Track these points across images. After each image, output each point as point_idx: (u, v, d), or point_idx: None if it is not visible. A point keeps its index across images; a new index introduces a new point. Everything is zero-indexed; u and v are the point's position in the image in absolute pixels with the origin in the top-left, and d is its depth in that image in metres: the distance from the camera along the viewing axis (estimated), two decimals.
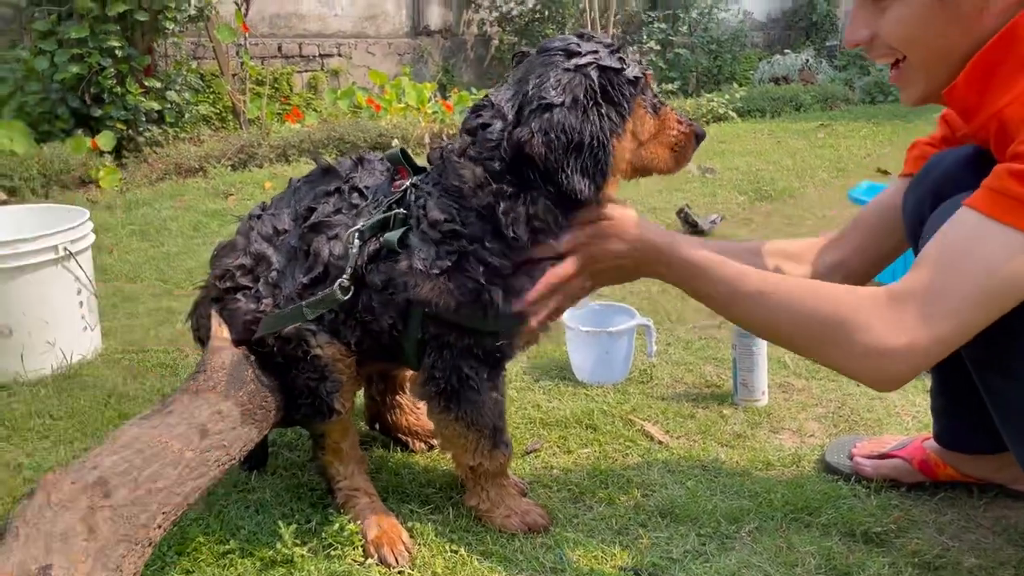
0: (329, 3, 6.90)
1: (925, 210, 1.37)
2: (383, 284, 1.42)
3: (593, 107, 1.34)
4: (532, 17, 7.53)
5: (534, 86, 1.36)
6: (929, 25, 1.24)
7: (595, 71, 1.36)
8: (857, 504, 1.59)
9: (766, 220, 3.91)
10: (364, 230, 1.43)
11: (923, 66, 1.29)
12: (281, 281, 1.50)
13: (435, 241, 1.39)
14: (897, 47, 1.29)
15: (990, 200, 1.14)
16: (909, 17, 1.25)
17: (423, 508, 1.60)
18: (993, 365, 1.27)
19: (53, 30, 4.74)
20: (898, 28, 1.27)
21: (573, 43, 1.40)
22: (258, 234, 1.53)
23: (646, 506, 1.60)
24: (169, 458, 1.21)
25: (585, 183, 1.34)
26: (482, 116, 1.41)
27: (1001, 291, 1.14)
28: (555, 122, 1.32)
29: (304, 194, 1.56)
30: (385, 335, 1.47)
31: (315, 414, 1.52)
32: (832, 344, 1.23)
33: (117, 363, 2.31)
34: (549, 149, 1.32)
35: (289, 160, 4.88)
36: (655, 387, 2.15)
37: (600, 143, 1.34)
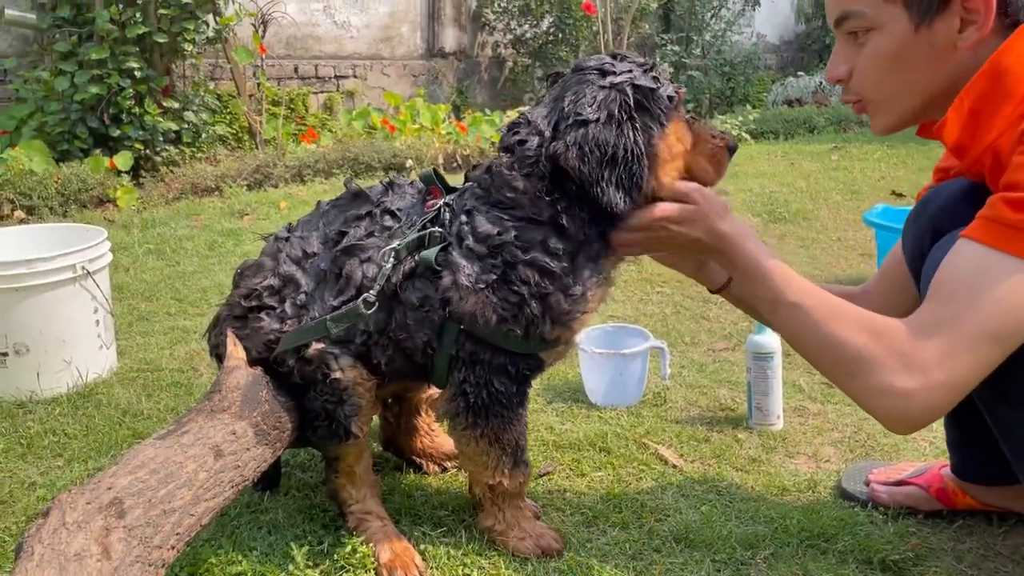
0: (345, 25, 6.97)
1: (925, 244, 1.38)
2: (419, 302, 1.44)
3: (628, 121, 1.37)
4: (546, 39, 7.58)
5: (570, 103, 1.39)
6: (900, 58, 1.28)
7: (630, 88, 1.39)
8: (874, 531, 1.57)
9: (780, 242, 3.89)
10: (400, 249, 1.44)
11: (891, 99, 1.32)
12: (310, 304, 1.50)
13: (480, 256, 1.41)
14: (866, 82, 1.33)
15: (987, 230, 1.16)
16: (883, 49, 1.28)
17: (435, 531, 1.59)
18: (1001, 397, 1.26)
19: (74, 51, 4.81)
20: (870, 63, 1.30)
21: (608, 62, 1.43)
22: (287, 256, 1.54)
23: (660, 531, 1.58)
24: (183, 479, 1.21)
25: (620, 196, 1.36)
26: (519, 133, 1.43)
27: (1011, 323, 1.14)
28: (589, 136, 1.35)
29: (334, 218, 1.57)
30: (419, 353, 1.48)
31: (331, 437, 1.52)
32: (854, 376, 1.24)
33: (132, 382, 2.32)
34: (583, 162, 1.35)
35: (304, 180, 4.91)
36: (669, 410, 2.14)
37: (635, 156, 1.37)
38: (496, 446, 1.49)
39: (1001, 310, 1.13)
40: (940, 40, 1.25)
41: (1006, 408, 1.27)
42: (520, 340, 1.43)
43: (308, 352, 1.47)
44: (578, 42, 7.66)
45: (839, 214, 4.33)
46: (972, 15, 1.22)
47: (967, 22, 1.23)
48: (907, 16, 1.25)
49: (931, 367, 1.17)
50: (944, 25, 1.24)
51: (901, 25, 1.26)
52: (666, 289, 3.15)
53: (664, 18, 8.69)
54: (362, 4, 7.03)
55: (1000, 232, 1.14)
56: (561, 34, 7.57)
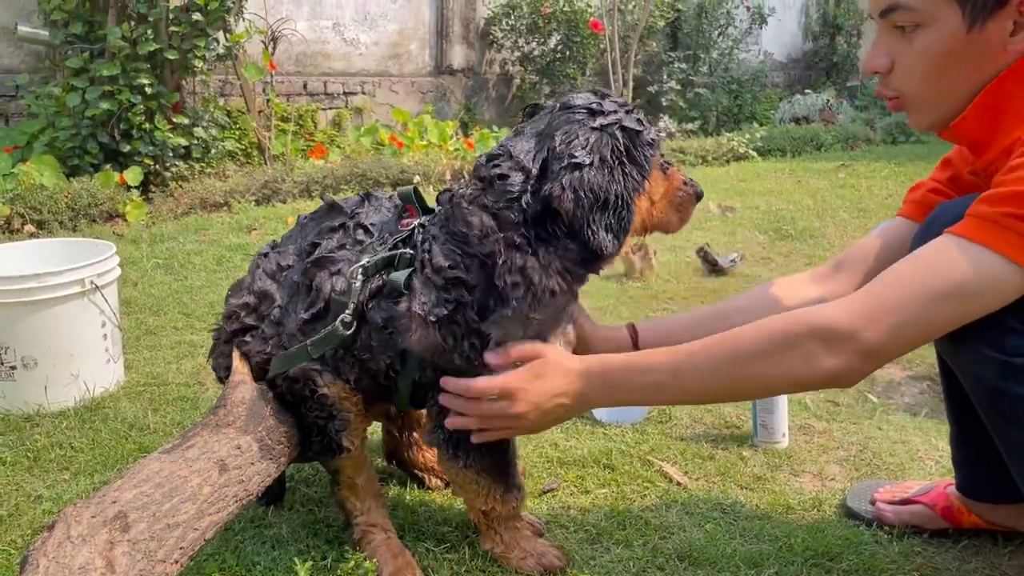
0: (354, 42, 7.03)
1: None
2: (383, 323, 1.42)
3: (618, 167, 1.38)
4: (553, 57, 7.62)
5: (561, 143, 1.38)
6: (949, 57, 1.24)
7: (619, 131, 1.39)
8: (879, 551, 1.57)
9: (786, 259, 3.90)
10: (368, 267, 1.44)
11: (934, 99, 1.29)
12: (284, 318, 1.51)
13: (437, 287, 1.39)
14: (907, 79, 1.29)
15: (964, 224, 1.17)
16: (934, 47, 1.25)
17: (439, 547, 1.59)
18: (1009, 418, 1.25)
19: (85, 67, 4.86)
20: (920, 58, 1.26)
21: (595, 102, 1.42)
22: (263, 271, 1.55)
23: (664, 549, 1.58)
24: (188, 493, 1.22)
25: (610, 239, 1.37)
26: (500, 167, 1.41)
27: (947, 291, 1.15)
28: (585, 181, 1.35)
29: (309, 230, 1.57)
30: (382, 375, 1.47)
31: (326, 451, 1.52)
32: (787, 354, 1.22)
33: (139, 396, 2.33)
34: (577, 206, 1.35)
35: (312, 196, 4.94)
36: (674, 427, 2.13)
37: (624, 202, 1.37)
38: (483, 475, 1.47)
39: (941, 276, 1.15)
40: (992, 41, 1.21)
41: (1013, 429, 1.26)
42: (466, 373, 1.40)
43: (292, 371, 1.47)
44: (585, 60, 7.70)
45: (846, 232, 4.33)
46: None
47: (1021, 25, 1.20)
48: (961, 15, 1.21)
49: (858, 315, 1.17)
50: (997, 27, 1.21)
51: (953, 24, 1.22)
52: (672, 306, 3.15)
53: (671, 36, 8.73)
54: (371, 21, 7.10)
55: (970, 223, 1.15)
56: (568, 52, 7.61)
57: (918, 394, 2.40)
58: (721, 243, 4.08)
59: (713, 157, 6.55)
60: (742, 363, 1.28)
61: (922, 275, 1.17)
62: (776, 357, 1.24)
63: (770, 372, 1.27)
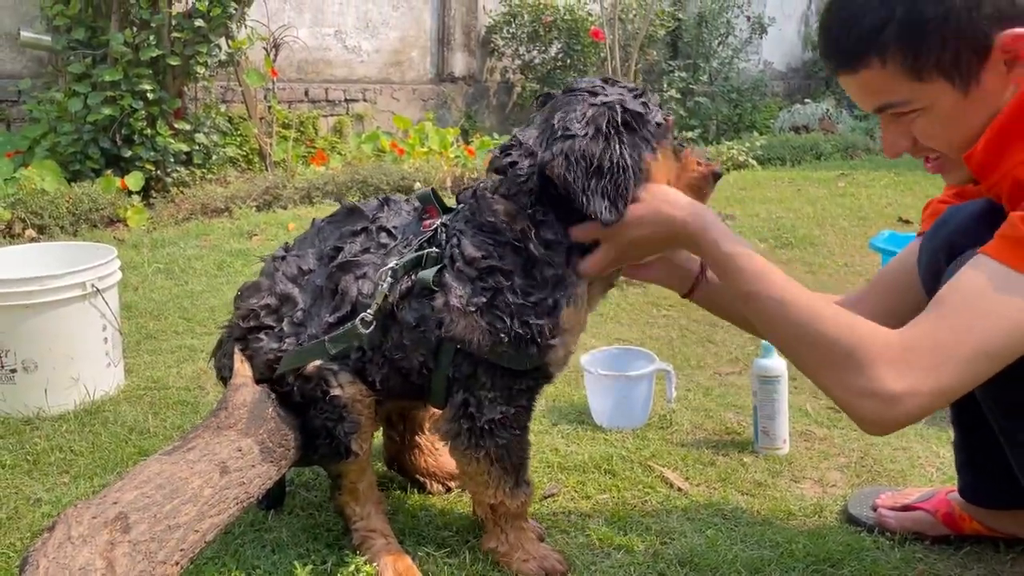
0: (356, 50, 7.04)
1: (940, 263, 1.37)
2: (416, 322, 1.44)
3: (615, 136, 1.37)
4: (554, 65, 7.64)
5: (559, 120, 1.39)
6: (960, 119, 1.23)
7: (619, 108, 1.40)
8: (880, 557, 1.56)
9: (787, 267, 3.88)
10: (397, 268, 1.45)
11: (958, 149, 1.27)
12: (307, 320, 1.51)
13: (471, 278, 1.41)
14: (934, 144, 1.28)
15: (1004, 248, 1.14)
16: (938, 119, 1.24)
17: (439, 551, 1.59)
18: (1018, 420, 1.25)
19: (87, 73, 4.87)
20: (933, 132, 1.26)
21: (598, 85, 1.44)
22: (283, 275, 1.55)
23: (665, 554, 1.57)
24: (188, 495, 1.22)
25: (605, 206, 1.35)
26: (511, 155, 1.44)
27: (1012, 343, 1.13)
28: (576, 148, 1.35)
29: (329, 234, 1.58)
30: (415, 373, 1.48)
31: (332, 455, 1.52)
32: (837, 374, 1.20)
33: (139, 399, 2.33)
34: (568, 171, 1.35)
35: (313, 202, 4.94)
36: (675, 433, 2.13)
37: (620, 168, 1.36)
38: (497, 466, 1.48)
39: (1002, 329, 1.12)
40: (993, 87, 1.20)
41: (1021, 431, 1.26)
42: (513, 357, 1.42)
43: (307, 370, 1.48)
44: (586, 68, 7.72)
45: (846, 240, 4.33)
46: (1013, 54, 1.18)
47: (1011, 62, 1.19)
48: (951, 86, 1.21)
49: (921, 376, 1.14)
50: (992, 75, 1.20)
51: (949, 96, 1.21)
52: (672, 312, 3.15)
53: (672, 45, 8.75)
54: (373, 29, 7.12)
55: (1016, 250, 1.12)
56: (569, 60, 7.63)
57: None
58: None
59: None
60: (797, 348, 1.26)
61: (982, 326, 1.12)
62: (828, 369, 1.22)
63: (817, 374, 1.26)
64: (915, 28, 1.17)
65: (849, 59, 1.25)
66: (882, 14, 1.19)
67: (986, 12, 1.16)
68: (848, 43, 1.24)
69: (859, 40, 1.22)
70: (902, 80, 1.22)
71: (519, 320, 1.40)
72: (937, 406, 1.18)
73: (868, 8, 1.21)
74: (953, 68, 1.19)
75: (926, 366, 1.14)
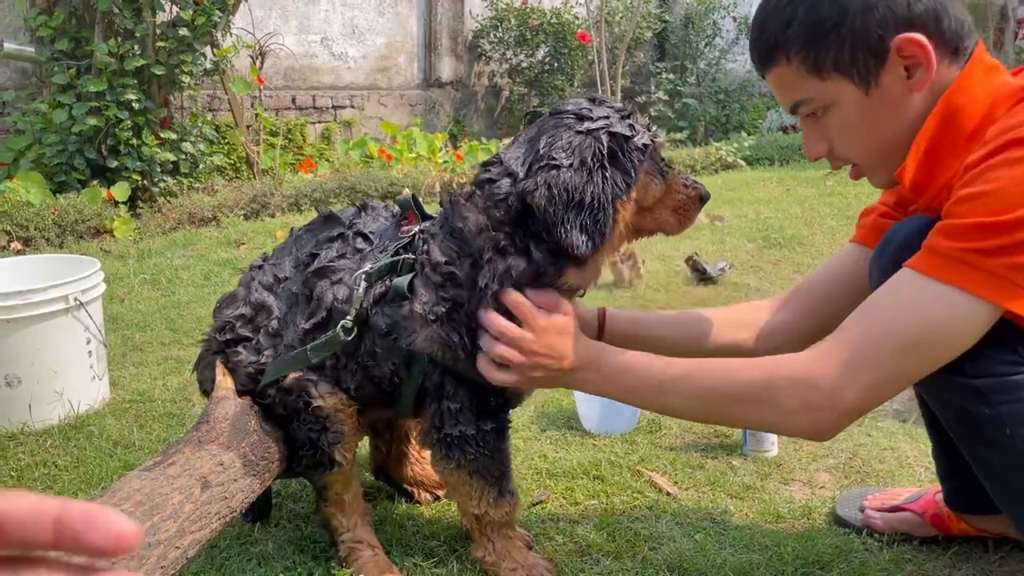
0: (343, 56, 7.03)
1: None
2: (387, 328, 1.43)
3: (599, 170, 1.35)
4: (541, 69, 7.64)
5: (545, 145, 1.37)
6: (866, 120, 1.27)
7: (605, 136, 1.37)
8: (869, 558, 1.56)
9: (775, 267, 3.90)
10: (371, 273, 1.43)
11: (877, 157, 1.31)
12: (282, 329, 1.50)
13: (436, 284, 1.39)
14: (847, 150, 1.32)
15: (921, 258, 1.17)
16: (847, 119, 1.28)
17: (427, 561, 1.57)
18: (977, 439, 1.26)
19: (72, 84, 4.84)
20: (842, 134, 1.30)
21: (585, 107, 1.41)
22: (259, 284, 1.54)
23: (654, 560, 1.57)
24: (169, 511, 1.20)
25: (583, 240, 1.34)
26: (490, 172, 1.42)
27: (920, 338, 1.15)
28: (560, 180, 1.33)
29: (306, 241, 1.57)
30: (386, 381, 1.46)
31: (316, 466, 1.51)
32: (766, 404, 1.25)
33: (124, 413, 2.31)
34: (549, 202, 1.33)
35: (301, 210, 4.93)
36: (663, 437, 2.12)
37: (601, 204, 1.34)
38: (476, 477, 1.46)
39: (914, 322, 1.14)
40: (895, 91, 1.24)
41: (983, 448, 1.27)
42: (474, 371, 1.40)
43: (286, 381, 1.46)
44: (573, 71, 7.73)
45: (834, 239, 4.34)
46: (912, 59, 1.21)
47: (910, 67, 1.22)
48: (853, 84, 1.24)
49: (839, 373, 1.18)
50: (891, 77, 1.23)
51: (851, 94, 1.25)
52: None
53: (659, 47, 8.77)
54: (359, 35, 7.11)
55: (932, 260, 1.15)
56: (556, 63, 7.64)
57: (907, 400, 2.39)
58: (710, 252, 4.09)
59: (701, 167, 6.57)
60: (722, 403, 1.31)
61: (894, 323, 1.17)
62: (754, 406, 1.27)
63: (748, 417, 1.34)
64: (814, 28, 1.23)
65: (763, 57, 1.32)
66: (787, 15, 1.25)
67: (880, 15, 1.20)
68: (761, 43, 1.31)
69: (769, 39, 1.29)
70: (806, 77, 1.27)
71: (473, 339, 1.38)
72: (870, 402, 1.21)
73: (778, 9, 1.27)
74: (852, 67, 1.23)
75: (842, 364, 1.18)
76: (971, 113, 1.21)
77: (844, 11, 1.21)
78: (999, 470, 1.26)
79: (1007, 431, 1.20)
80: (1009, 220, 1.07)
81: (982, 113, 1.21)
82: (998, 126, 1.16)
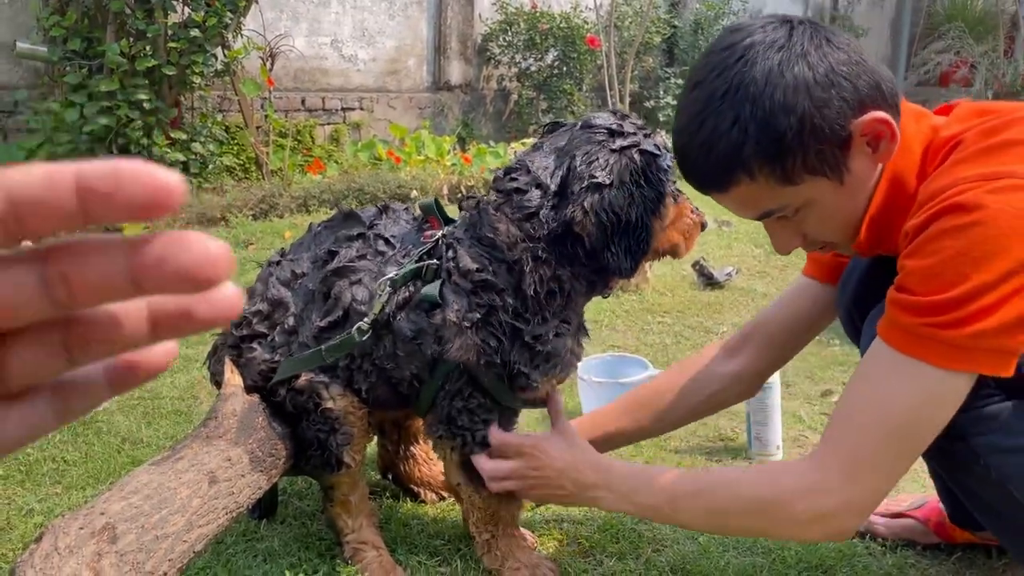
0: (352, 59, 7.06)
1: (856, 321, 1.43)
2: (412, 334, 1.43)
3: (637, 189, 1.38)
4: (550, 73, 7.65)
5: (582, 163, 1.38)
6: (843, 206, 1.24)
7: (637, 154, 1.39)
8: (872, 563, 1.56)
9: (782, 273, 3.90)
10: (396, 279, 1.44)
11: (853, 233, 1.29)
12: (298, 326, 1.51)
13: (467, 292, 1.40)
14: (823, 235, 1.30)
15: (889, 331, 1.16)
16: (824, 211, 1.24)
17: (432, 560, 1.58)
18: (955, 468, 1.28)
19: (83, 83, 4.87)
20: (820, 224, 1.27)
21: (615, 123, 1.42)
22: (276, 279, 1.54)
23: (657, 562, 1.57)
24: (177, 505, 1.21)
25: (628, 261, 1.39)
26: (517, 180, 1.42)
27: (908, 423, 1.15)
28: (606, 203, 1.35)
29: (324, 238, 1.57)
30: (405, 384, 1.48)
31: (324, 466, 1.51)
32: (780, 522, 1.26)
33: (132, 409, 2.33)
34: (598, 228, 1.36)
35: (309, 210, 4.95)
36: (668, 440, 2.13)
37: (643, 224, 1.38)
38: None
39: (900, 407, 1.14)
40: (864, 169, 1.21)
41: (964, 478, 1.29)
42: (504, 390, 1.44)
43: (298, 383, 1.47)
44: (582, 75, 7.73)
45: None
46: (874, 136, 1.18)
47: (874, 142, 1.19)
48: (827, 179, 1.20)
49: (842, 487, 1.19)
50: (860, 160, 1.19)
51: (826, 188, 1.20)
52: (667, 319, 3.15)
53: (668, 52, 8.78)
54: (369, 38, 7.13)
55: (897, 334, 1.15)
56: (565, 67, 7.65)
57: None
58: (717, 257, 4.09)
59: None
60: (730, 519, 1.32)
61: (880, 417, 1.16)
62: (768, 520, 1.28)
63: (759, 530, 1.37)
64: (773, 143, 1.15)
65: (716, 183, 1.22)
66: (736, 138, 1.16)
67: (836, 108, 1.15)
68: (711, 169, 1.21)
69: (722, 164, 1.18)
70: (776, 188, 1.20)
71: (509, 341, 1.40)
72: (879, 496, 1.21)
73: (720, 134, 1.16)
74: (822, 165, 1.18)
75: (842, 478, 1.19)
76: (910, 172, 1.21)
77: (800, 117, 1.13)
78: (983, 500, 1.28)
79: (981, 462, 1.21)
80: (958, 295, 1.07)
81: (916, 170, 1.21)
82: (927, 187, 1.16)
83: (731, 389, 1.65)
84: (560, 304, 1.42)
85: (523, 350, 1.40)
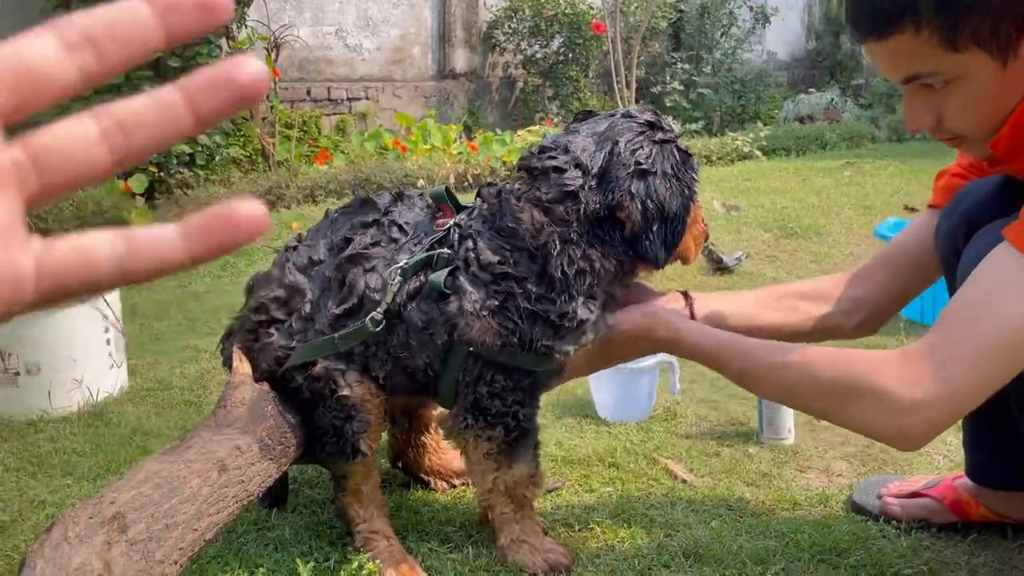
0: (357, 48, 7.04)
1: (959, 241, 1.35)
2: (423, 324, 1.43)
3: (675, 182, 1.40)
4: (556, 59, 7.61)
5: (626, 149, 1.38)
6: (995, 94, 1.18)
7: (676, 149, 1.42)
8: (887, 545, 1.55)
9: (791, 257, 3.88)
10: (407, 268, 1.43)
11: (991, 131, 1.23)
12: (315, 313, 1.50)
13: (485, 283, 1.40)
14: (961, 123, 1.24)
15: (1020, 230, 1.11)
16: (974, 93, 1.18)
17: (442, 547, 1.58)
18: None
19: None
20: (963, 107, 1.21)
21: (652, 117, 1.44)
22: (293, 265, 1.54)
23: (669, 546, 1.56)
24: (187, 494, 1.21)
25: (664, 253, 1.40)
26: (556, 159, 1.41)
27: (1019, 341, 1.10)
28: (652, 191, 1.37)
29: (341, 224, 1.56)
30: (420, 373, 1.48)
31: (339, 454, 1.50)
32: (853, 407, 1.22)
33: (142, 400, 2.33)
34: (643, 217, 1.37)
35: (316, 201, 4.95)
36: (679, 425, 2.12)
37: (680, 218, 1.40)
38: (508, 453, 1.48)
39: (1010, 324, 1.10)
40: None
41: None
42: (522, 356, 1.42)
43: (315, 370, 1.46)
44: (588, 62, 7.69)
45: (851, 229, 4.31)
46: None
47: None
48: (989, 57, 1.14)
49: (928, 383, 1.14)
50: None
51: (986, 67, 1.14)
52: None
53: (674, 37, 8.72)
54: (373, 27, 7.11)
55: None
56: (571, 54, 7.61)
57: None
58: (726, 241, 4.07)
59: (718, 157, 6.53)
60: (807, 396, 1.30)
61: (990, 323, 1.10)
62: (841, 404, 1.25)
63: (833, 413, 1.31)
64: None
65: (882, 25, 1.17)
66: None
67: None
68: (881, 8, 1.16)
69: (895, 5, 1.14)
70: (936, 49, 1.15)
71: (529, 323, 1.40)
72: (957, 409, 1.17)
73: None
74: (992, 39, 1.13)
75: (931, 373, 1.14)
76: None
77: None
78: None
79: None
80: None
81: None
82: None
83: (855, 314, 1.56)
84: (590, 283, 1.41)
85: (546, 327, 1.40)
